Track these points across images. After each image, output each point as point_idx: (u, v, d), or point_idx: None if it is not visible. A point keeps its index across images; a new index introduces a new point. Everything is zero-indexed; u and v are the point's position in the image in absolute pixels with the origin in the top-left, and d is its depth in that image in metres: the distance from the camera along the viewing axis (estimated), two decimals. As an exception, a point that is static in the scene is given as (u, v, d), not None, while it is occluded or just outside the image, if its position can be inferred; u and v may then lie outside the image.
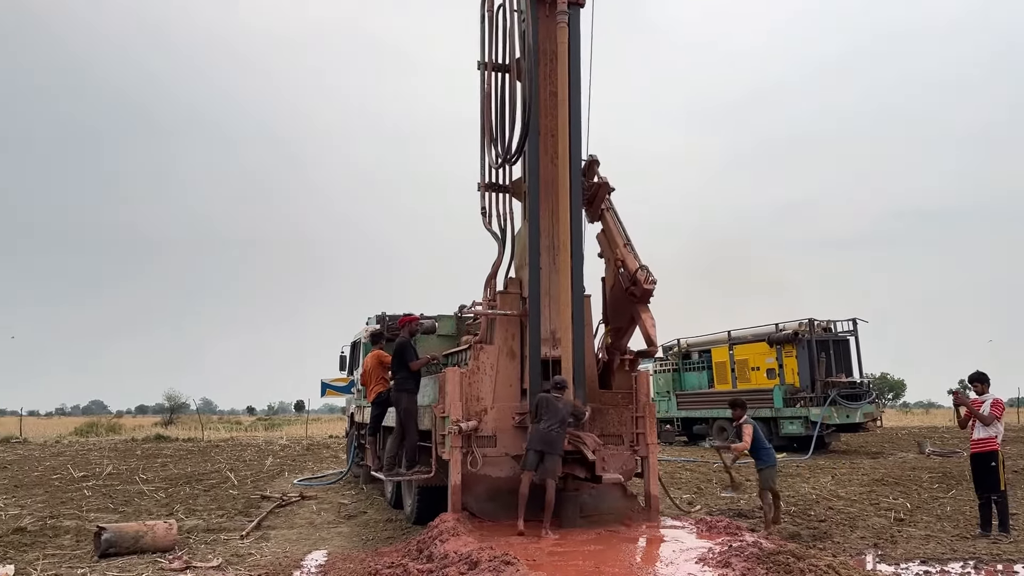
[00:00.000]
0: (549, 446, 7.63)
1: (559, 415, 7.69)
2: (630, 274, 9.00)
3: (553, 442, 7.65)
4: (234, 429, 45.55)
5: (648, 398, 9.13)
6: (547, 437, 7.65)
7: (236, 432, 42.14)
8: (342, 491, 13.30)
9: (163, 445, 29.17)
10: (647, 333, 8.91)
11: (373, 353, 10.73)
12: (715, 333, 25.30)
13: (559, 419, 7.67)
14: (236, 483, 14.48)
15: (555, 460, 7.66)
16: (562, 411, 7.73)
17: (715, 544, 6.80)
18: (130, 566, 7.04)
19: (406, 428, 9.17)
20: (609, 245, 9.51)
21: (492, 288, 9.08)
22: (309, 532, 9.20)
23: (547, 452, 7.62)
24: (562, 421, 7.69)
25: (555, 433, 7.65)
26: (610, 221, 9.45)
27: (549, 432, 7.64)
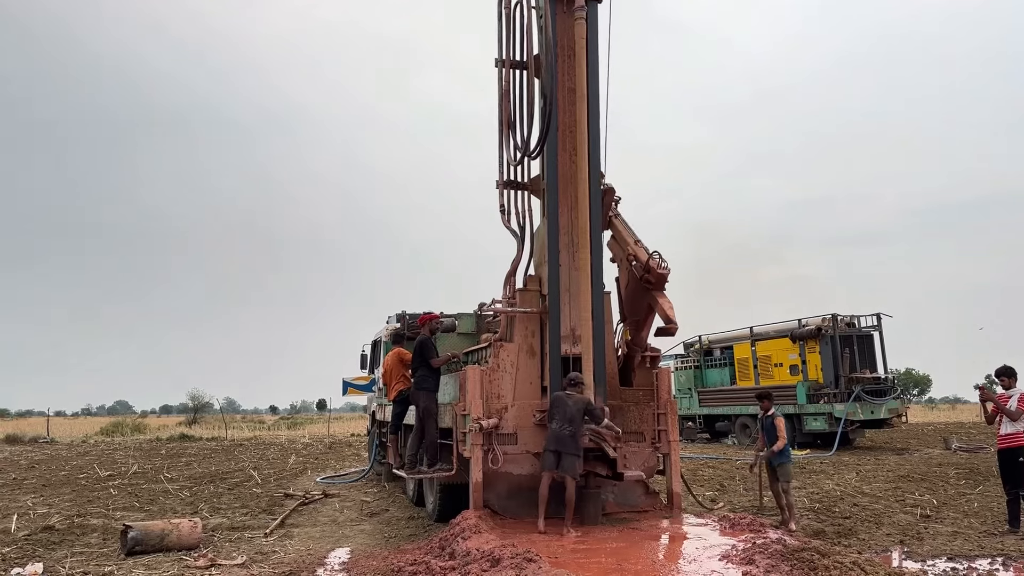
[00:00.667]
0: (563, 445, 7.59)
1: (568, 413, 7.65)
2: (643, 264, 9.06)
3: (565, 441, 7.60)
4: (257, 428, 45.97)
5: (669, 395, 9.09)
6: (559, 436, 7.63)
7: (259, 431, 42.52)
8: (364, 489, 13.38)
9: (187, 444, 29.51)
10: (666, 314, 8.90)
11: (393, 351, 10.79)
12: (737, 329, 25.16)
13: (568, 418, 7.63)
14: (259, 481, 14.62)
15: (571, 459, 7.60)
16: (571, 409, 7.66)
17: (738, 541, 6.76)
18: (156, 564, 7.13)
19: (426, 426, 9.20)
20: (620, 246, 9.54)
21: (512, 285, 9.08)
22: (332, 530, 9.26)
23: (562, 451, 7.58)
24: (571, 419, 7.61)
25: (567, 432, 7.59)
26: (619, 225, 9.54)
27: (561, 431, 7.62)
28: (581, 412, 7.71)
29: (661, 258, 8.97)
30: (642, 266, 9.11)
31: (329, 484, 14.17)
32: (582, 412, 7.72)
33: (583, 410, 7.73)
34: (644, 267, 9.07)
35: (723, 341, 25.72)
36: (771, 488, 9.20)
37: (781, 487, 9.04)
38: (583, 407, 7.75)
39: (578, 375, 7.99)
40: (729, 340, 25.33)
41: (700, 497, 10.69)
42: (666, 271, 8.94)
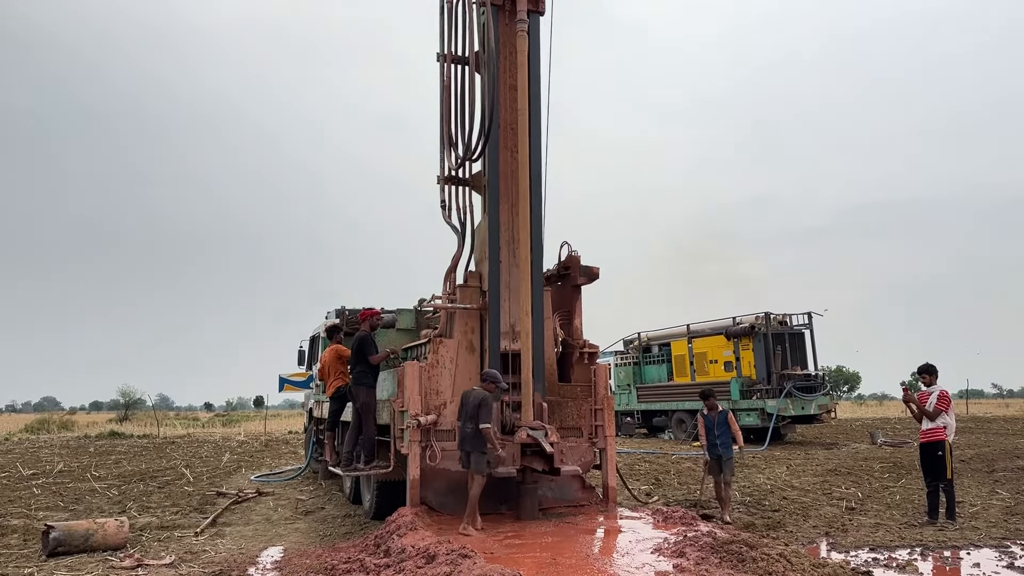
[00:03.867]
0: (466, 442, 7.66)
1: (468, 410, 7.66)
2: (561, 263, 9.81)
3: (467, 438, 7.64)
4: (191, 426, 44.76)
5: (606, 391, 9.19)
6: (463, 434, 7.72)
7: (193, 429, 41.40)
8: (300, 487, 13.17)
9: (117, 442, 28.56)
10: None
11: (331, 347, 10.62)
12: (675, 327, 25.61)
13: (468, 414, 7.64)
14: (192, 480, 14.25)
15: (476, 455, 7.59)
16: (470, 405, 7.64)
17: (671, 534, 6.88)
18: (79, 565, 6.88)
19: (364, 422, 9.10)
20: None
21: (452, 281, 9.05)
22: (265, 528, 9.09)
23: (468, 449, 7.65)
24: (471, 416, 7.59)
25: (468, 429, 7.63)
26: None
27: (464, 428, 7.70)
28: (478, 407, 7.60)
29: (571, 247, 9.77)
30: (561, 264, 9.72)
31: (264, 482, 13.90)
32: (478, 407, 7.61)
33: (479, 405, 7.61)
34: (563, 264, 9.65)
35: (661, 338, 26.14)
36: (714, 481, 9.36)
37: (724, 480, 9.25)
38: (479, 401, 7.63)
39: (493, 372, 7.94)
40: (667, 337, 25.76)
41: (635, 491, 10.85)
42: (578, 255, 9.62)
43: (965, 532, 8.16)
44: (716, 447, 9.28)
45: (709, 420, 9.38)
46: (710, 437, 9.35)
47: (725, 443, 9.29)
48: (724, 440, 9.29)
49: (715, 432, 9.29)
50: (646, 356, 26.49)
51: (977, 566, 6.70)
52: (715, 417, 9.36)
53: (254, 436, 31.67)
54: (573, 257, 9.68)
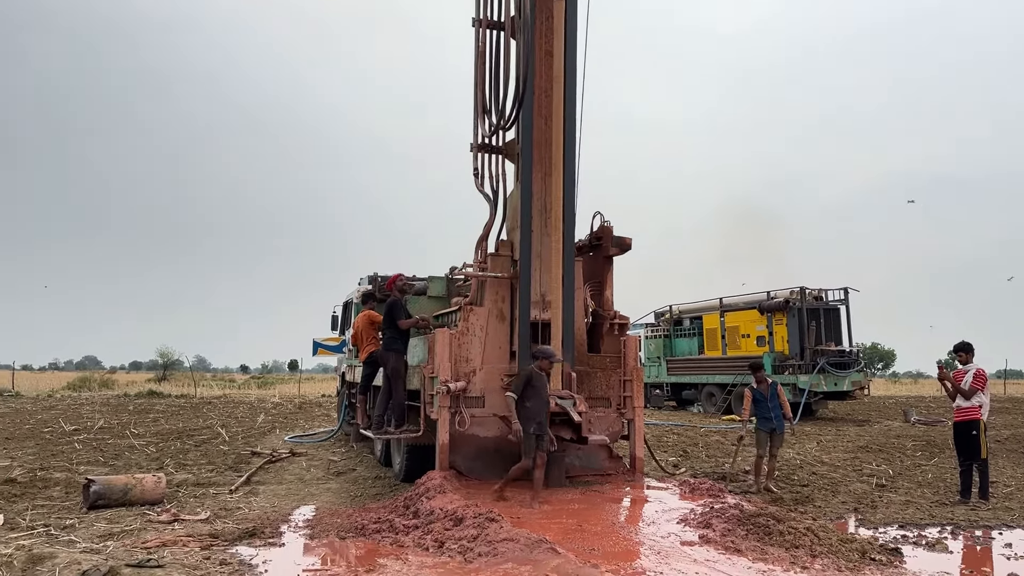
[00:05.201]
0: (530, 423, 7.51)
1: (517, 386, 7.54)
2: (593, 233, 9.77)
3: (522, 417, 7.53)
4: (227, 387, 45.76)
5: (636, 362, 9.19)
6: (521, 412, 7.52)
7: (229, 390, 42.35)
8: (332, 448, 13.41)
9: (155, 401, 29.32)
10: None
11: (364, 313, 10.75)
12: (707, 300, 25.40)
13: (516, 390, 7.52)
14: (227, 439, 14.59)
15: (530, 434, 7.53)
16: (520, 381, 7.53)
17: (697, 505, 6.90)
18: (118, 517, 7.11)
19: (394, 387, 9.21)
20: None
21: (483, 250, 9.06)
22: (298, 488, 9.29)
23: (531, 430, 7.50)
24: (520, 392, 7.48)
25: (526, 406, 7.49)
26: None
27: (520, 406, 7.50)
28: (524, 383, 7.53)
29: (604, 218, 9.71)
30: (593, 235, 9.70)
31: (297, 443, 14.18)
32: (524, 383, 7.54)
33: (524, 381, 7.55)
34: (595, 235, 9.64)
35: (693, 311, 25.97)
36: (758, 454, 9.34)
37: (772, 452, 9.27)
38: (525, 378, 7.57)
39: (547, 348, 7.76)
40: (699, 310, 25.58)
41: (663, 462, 10.86)
42: (610, 225, 9.61)
43: (998, 512, 8.04)
44: (770, 420, 9.25)
45: (759, 393, 9.33)
46: (761, 410, 9.31)
47: (778, 415, 9.28)
48: (777, 413, 9.28)
49: (768, 405, 9.27)
50: (677, 329, 26.36)
51: (1009, 546, 6.61)
52: (767, 390, 9.33)
53: (288, 398, 32.29)
54: (606, 227, 9.62)
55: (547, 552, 5.06)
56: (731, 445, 13.50)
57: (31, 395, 31.73)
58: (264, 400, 30.96)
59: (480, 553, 5.22)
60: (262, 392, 40.25)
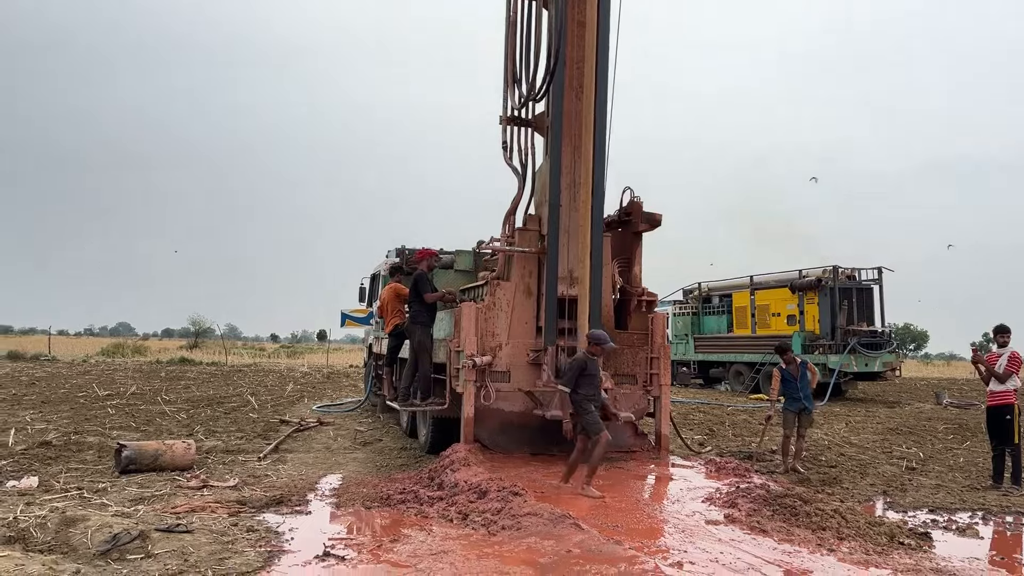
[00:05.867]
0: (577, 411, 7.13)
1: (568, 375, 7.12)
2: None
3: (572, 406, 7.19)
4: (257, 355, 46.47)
5: (663, 339, 9.13)
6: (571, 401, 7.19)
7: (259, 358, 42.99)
8: (359, 419, 13.56)
9: (187, 368, 29.85)
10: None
11: (391, 286, 10.79)
12: (737, 278, 25.16)
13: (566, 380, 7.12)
14: (256, 407, 14.82)
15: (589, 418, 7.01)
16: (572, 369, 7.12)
17: (723, 484, 6.87)
18: (149, 482, 7.26)
19: (420, 360, 9.26)
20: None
21: (511, 224, 9.02)
22: (325, 457, 9.41)
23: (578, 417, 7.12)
24: (568, 381, 7.04)
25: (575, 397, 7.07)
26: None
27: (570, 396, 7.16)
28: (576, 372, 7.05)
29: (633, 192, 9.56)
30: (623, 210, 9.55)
31: (325, 413, 14.36)
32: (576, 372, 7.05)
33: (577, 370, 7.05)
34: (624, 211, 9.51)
35: (723, 289, 25.76)
36: (785, 434, 9.27)
37: (801, 432, 9.23)
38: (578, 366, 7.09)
39: (600, 333, 7.30)
40: (729, 288, 25.37)
41: (688, 440, 10.83)
42: (640, 201, 9.44)
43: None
44: (799, 400, 9.16)
45: (788, 373, 9.22)
46: (790, 390, 9.23)
47: (807, 395, 9.19)
48: (806, 393, 9.19)
49: (797, 385, 9.17)
50: (706, 306, 26.17)
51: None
52: (796, 370, 9.23)
53: (316, 368, 32.69)
54: (635, 203, 9.52)
55: (570, 527, 5.08)
56: (758, 425, 13.41)
57: (66, 360, 32.48)
58: (293, 369, 31.38)
59: (504, 526, 5.25)
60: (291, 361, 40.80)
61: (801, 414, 9.18)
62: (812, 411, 9.31)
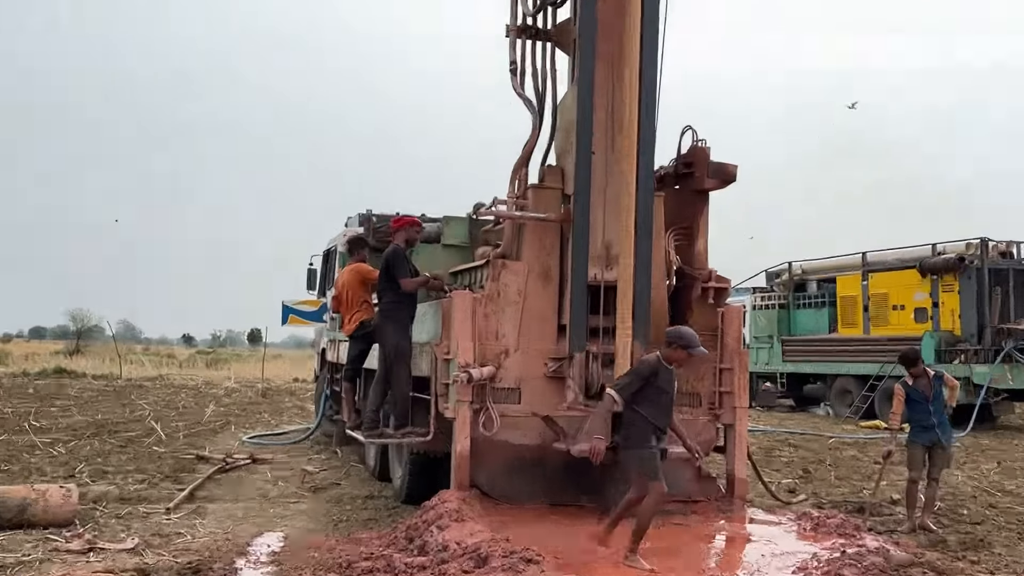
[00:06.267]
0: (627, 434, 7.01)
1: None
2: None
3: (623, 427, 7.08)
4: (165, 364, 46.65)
5: (739, 343, 9.12)
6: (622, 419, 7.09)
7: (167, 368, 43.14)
8: (308, 454, 13.63)
9: (65, 382, 30.01)
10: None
11: (352, 267, 10.79)
12: (843, 256, 25.07)
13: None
14: (163, 438, 14.88)
15: (643, 454, 6.92)
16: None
17: (822, 549, 6.87)
18: (13, 544, 7.30)
19: (394, 372, 9.27)
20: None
21: (522, 180, 8.99)
22: (261, 508, 9.45)
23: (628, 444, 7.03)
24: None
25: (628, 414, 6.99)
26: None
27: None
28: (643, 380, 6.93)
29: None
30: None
31: (260, 446, 14.42)
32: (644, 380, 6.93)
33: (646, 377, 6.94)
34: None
35: (823, 271, 25.69)
36: (911, 478, 9.22)
37: (934, 475, 9.20)
38: (648, 373, 6.96)
39: (684, 331, 7.23)
40: (831, 270, 25.29)
41: (774, 486, 10.83)
42: (707, 147, 9.40)
43: None
44: (932, 429, 9.11)
45: (916, 392, 9.15)
46: (919, 414, 9.17)
47: (944, 423, 9.14)
48: (942, 419, 9.13)
49: (930, 408, 9.11)
50: (798, 296, 26.11)
51: None
52: (927, 387, 9.14)
53: (248, 383, 32.79)
54: (700, 150, 9.45)
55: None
56: (873, 463, 13.38)
57: None
58: (215, 384, 31.51)
59: (512, 610, 5.26)
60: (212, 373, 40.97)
61: (934, 449, 9.16)
62: (950, 445, 9.29)
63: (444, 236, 11.59)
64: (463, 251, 11.32)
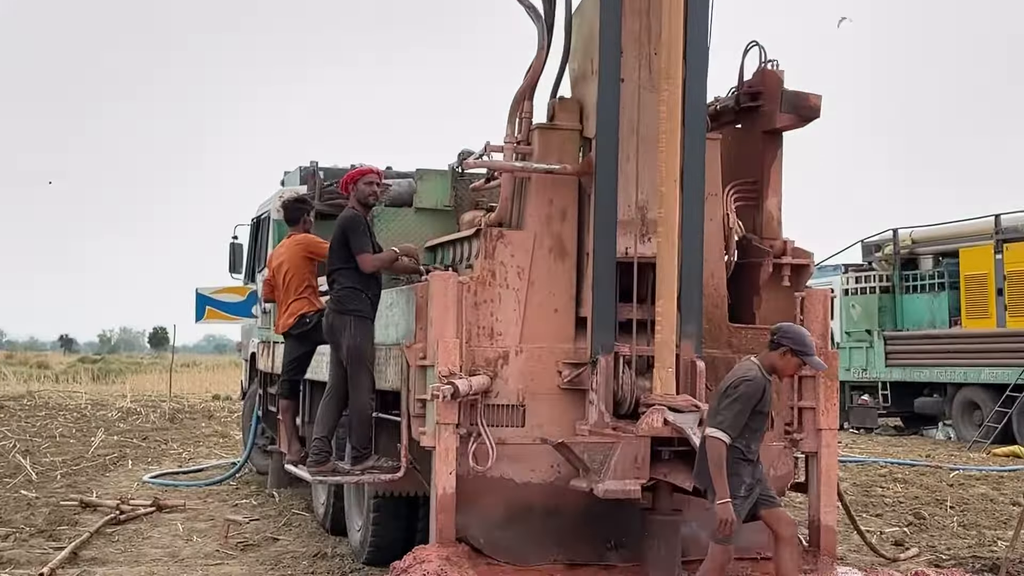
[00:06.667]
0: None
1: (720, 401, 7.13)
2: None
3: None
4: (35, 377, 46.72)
5: (825, 341, 9.09)
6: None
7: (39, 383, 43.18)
8: (234, 499, 13.65)
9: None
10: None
11: (292, 239, 10.76)
12: (969, 220, 25.05)
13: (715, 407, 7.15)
14: (35, 478, 14.93)
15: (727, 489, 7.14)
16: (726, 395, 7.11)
17: (940, 623, 6.89)
18: None
19: (352, 384, 9.26)
20: None
21: (525, 118, 8.98)
22: (169, 572, 9.47)
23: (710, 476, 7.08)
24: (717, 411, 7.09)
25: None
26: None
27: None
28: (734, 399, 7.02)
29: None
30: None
31: (168, 488, 14.45)
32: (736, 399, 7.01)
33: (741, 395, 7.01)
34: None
35: (940, 240, 25.65)
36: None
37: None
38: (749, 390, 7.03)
39: (797, 331, 7.39)
40: (950, 239, 25.26)
41: (875, 537, 10.87)
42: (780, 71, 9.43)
43: None
44: None
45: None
46: None
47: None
48: None
49: None
50: (907, 277, 26.11)
51: None
52: None
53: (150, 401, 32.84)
54: (770, 75, 9.43)
55: None
56: (1011, 504, 13.41)
57: None
58: (104, 404, 31.52)
59: None
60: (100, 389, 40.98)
61: None
62: None
63: (418, 197, 11.55)
64: (444, 217, 11.32)
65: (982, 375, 23.40)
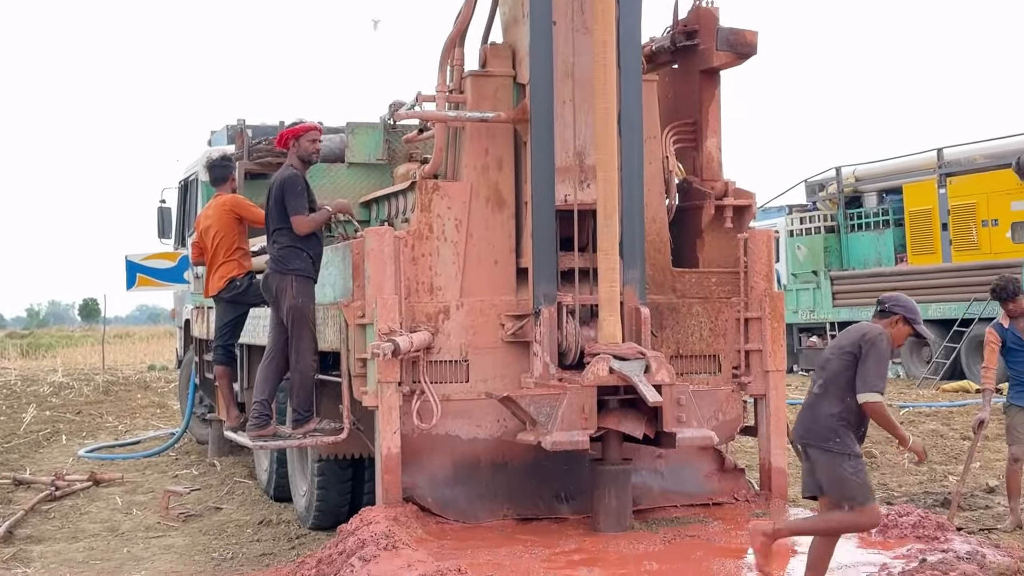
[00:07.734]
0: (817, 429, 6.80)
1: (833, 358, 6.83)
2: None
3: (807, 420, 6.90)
4: (-40, 354, 46.13)
5: (770, 283, 9.15)
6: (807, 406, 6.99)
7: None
8: (173, 469, 13.62)
9: None
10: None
11: (219, 200, 10.66)
12: (911, 155, 25.20)
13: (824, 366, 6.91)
14: (-35, 457, 14.79)
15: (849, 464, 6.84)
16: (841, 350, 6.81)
17: (894, 557, 6.97)
18: None
19: (292, 345, 9.21)
20: None
21: (456, 66, 8.95)
22: (109, 547, 9.42)
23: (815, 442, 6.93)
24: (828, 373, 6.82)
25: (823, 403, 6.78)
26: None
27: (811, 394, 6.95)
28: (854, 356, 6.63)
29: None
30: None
31: (104, 461, 14.36)
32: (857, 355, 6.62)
33: (859, 351, 6.61)
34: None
35: (884, 177, 25.81)
36: (1018, 455, 9.35)
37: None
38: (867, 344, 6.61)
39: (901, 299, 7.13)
40: (894, 174, 25.42)
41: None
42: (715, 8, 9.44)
43: None
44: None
45: (1015, 337, 9.27)
46: (1020, 368, 9.36)
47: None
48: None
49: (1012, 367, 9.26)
50: (850, 214, 26.25)
51: None
52: (1011, 334, 9.28)
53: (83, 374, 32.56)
54: (705, 12, 9.45)
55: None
56: (961, 440, 13.59)
57: None
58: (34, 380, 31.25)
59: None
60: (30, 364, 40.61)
61: None
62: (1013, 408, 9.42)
63: (350, 152, 11.48)
64: (377, 171, 11.27)
65: (929, 311, 23.56)
